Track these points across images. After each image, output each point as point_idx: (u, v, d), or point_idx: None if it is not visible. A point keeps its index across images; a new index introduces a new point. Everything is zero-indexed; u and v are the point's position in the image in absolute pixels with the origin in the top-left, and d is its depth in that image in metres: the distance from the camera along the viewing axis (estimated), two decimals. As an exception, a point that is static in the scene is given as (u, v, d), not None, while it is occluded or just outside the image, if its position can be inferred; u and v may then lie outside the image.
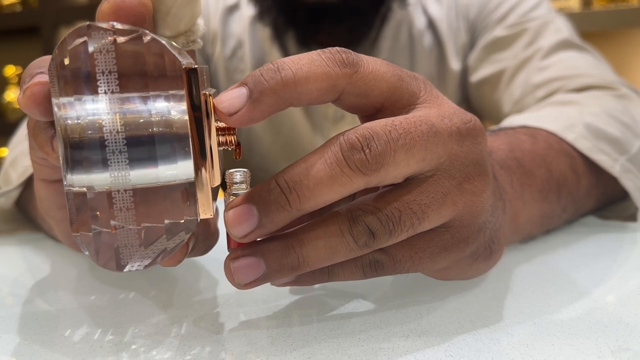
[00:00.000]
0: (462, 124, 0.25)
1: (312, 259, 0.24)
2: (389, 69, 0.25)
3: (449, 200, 0.25)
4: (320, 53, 0.24)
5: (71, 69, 0.22)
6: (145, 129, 0.22)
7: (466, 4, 0.68)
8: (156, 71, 0.22)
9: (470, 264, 0.28)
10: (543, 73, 0.59)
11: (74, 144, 0.22)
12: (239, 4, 0.70)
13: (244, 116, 0.23)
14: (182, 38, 0.26)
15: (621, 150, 0.42)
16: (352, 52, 0.24)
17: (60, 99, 0.22)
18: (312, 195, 0.23)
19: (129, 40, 0.22)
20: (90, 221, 0.23)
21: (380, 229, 0.24)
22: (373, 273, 0.26)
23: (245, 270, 0.24)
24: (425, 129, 0.24)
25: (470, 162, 0.25)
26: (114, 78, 0.22)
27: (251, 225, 0.23)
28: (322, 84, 0.24)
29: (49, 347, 0.26)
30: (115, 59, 0.22)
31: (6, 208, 0.43)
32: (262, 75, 0.23)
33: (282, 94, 0.23)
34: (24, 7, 1.97)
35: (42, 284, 0.34)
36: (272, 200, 0.23)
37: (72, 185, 0.23)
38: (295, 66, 0.23)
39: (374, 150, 0.23)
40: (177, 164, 0.22)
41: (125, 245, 0.23)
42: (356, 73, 0.24)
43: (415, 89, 0.26)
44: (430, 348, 0.24)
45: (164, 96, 0.22)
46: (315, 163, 0.23)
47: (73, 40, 0.22)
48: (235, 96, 0.23)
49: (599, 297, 0.30)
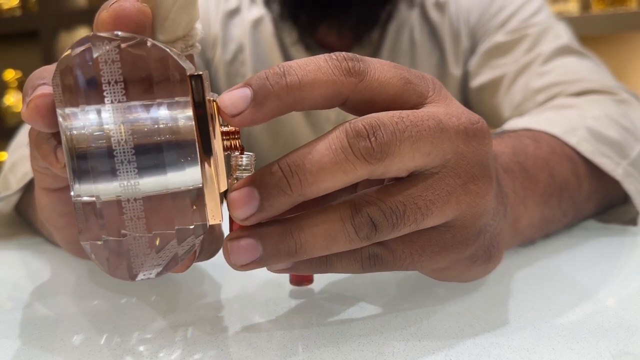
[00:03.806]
0: (470, 124, 0.25)
1: (309, 246, 0.23)
2: (396, 73, 0.25)
3: (454, 198, 0.24)
4: (327, 59, 0.24)
5: (76, 79, 0.22)
6: (153, 137, 0.22)
7: (467, 9, 0.68)
8: (161, 78, 0.22)
9: (468, 267, 0.28)
10: (543, 78, 0.59)
11: (81, 154, 0.22)
12: (239, 8, 0.70)
13: (246, 118, 0.23)
14: (181, 43, 0.26)
15: (622, 154, 0.43)
16: (360, 58, 0.24)
17: (66, 109, 0.22)
18: (314, 180, 0.23)
19: (132, 48, 0.22)
20: (100, 230, 0.23)
21: (383, 222, 0.23)
22: (372, 267, 0.25)
23: (241, 251, 0.24)
24: (432, 124, 0.24)
25: (476, 162, 0.25)
26: (120, 87, 0.22)
27: (252, 208, 0.23)
28: (326, 90, 0.23)
29: (49, 351, 0.26)
30: (120, 68, 0.22)
31: (5, 213, 0.43)
32: (268, 78, 0.23)
33: (286, 98, 0.23)
34: (23, 12, 1.98)
35: (42, 289, 0.34)
36: (273, 184, 0.23)
37: (80, 195, 0.23)
38: (301, 72, 0.23)
39: (380, 139, 0.23)
40: (184, 170, 0.22)
41: (136, 254, 0.23)
42: (362, 82, 0.24)
43: (423, 89, 0.25)
44: (431, 352, 0.24)
45: (170, 103, 0.22)
46: (319, 148, 0.23)
47: (77, 51, 0.22)
48: (238, 97, 0.23)
49: (599, 301, 0.30)
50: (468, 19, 0.68)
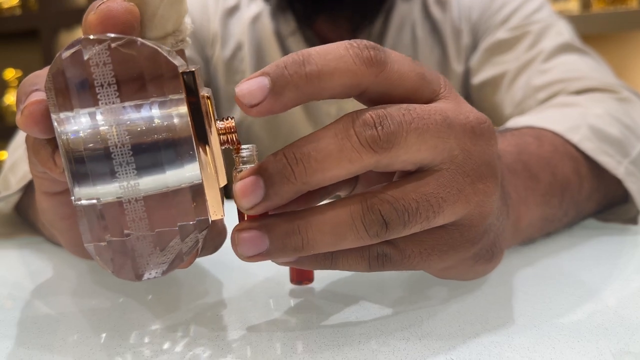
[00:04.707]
0: (477, 123, 0.25)
1: (316, 242, 0.23)
2: (412, 67, 0.24)
3: (463, 197, 0.24)
4: (348, 47, 0.23)
5: (69, 84, 0.22)
6: (149, 137, 0.22)
7: (469, 6, 0.68)
8: (153, 77, 0.22)
9: (471, 266, 0.28)
10: (544, 76, 0.59)
11: (79, 157, 0.22)
12: (239, 5, 0.70)
13: (264, 108, 0.22)
14: (171, 38, 0.25)
15: (624, 152, 0.42)
16: (381, 48, 0.24)
17: (60, 114, 0.22)
18: (319, 168, 0.22)
19: (122, 48, 0.22)
20: (103, 232, 0.23)
21: (395, 220, 0.23)
22: (379, 267, 0.25)
23: (248, 243, 0.23)
24: (439, 118, 0.24)
25: (483, 162, 0.25)
26: (113, 89, 0.22)
27: (257, 196, 0.23)
28: (346, 81, 0.23)
29: (49, 350, 0.26)
30: (112, 70, 0.22)
31: (5, 212, 0.43)
32: (286, 67, 0.22)
33: (305, 89, 0.22)
34: (23, 11, 1.97)
35: (42, 288, 0.34)
36: (277, 171, 0.22)
37: (81, 199, 0.23)
38: (321, 61, 0.22)
39: (387, 129, 0.22)
40: (183, 167, 0.22)
41: (141, 253, 0.23)
42: (382, 72, 0.23)
43: (436, 86, 0.25)
44: (431, 351, 0.24)
45: (164, 101, 0.22)
46: (325, 136, 0.22)
47: (68, 54, 0.22)
48: (256, 87, 0.22)
49: (599, 300, 0.29)
50: (470, 15, 0.68)
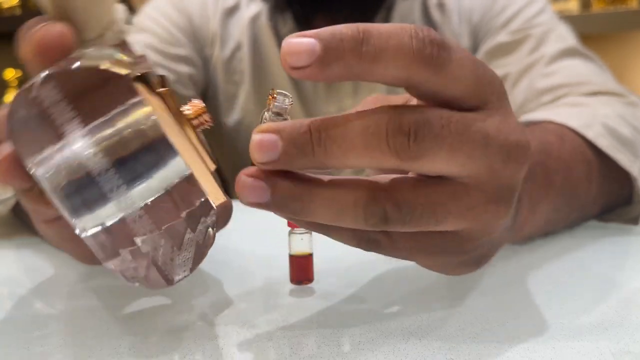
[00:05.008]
0: (516, 146, 0.24)
1: (315, 214, 0.23)
2: (472, 70, 0.23)
3: (471, 215, 0.24)
4: (413, 36, 0.21)
5: (28, 127, 0.22)
6: (124, 149, 0.22)
7: (469, 8, 0.68)
8: (106, 92, 0.22)
9: (454, 268, 0.27)
10: (548, 79, 0.58)
11: (66, 192, 0.22)
12: (238, 5, 0.70)
13: (306, 74, 0.21)
14: (109, 32, 0.25)
15: (635, 152, 0.43)
16: (447, 45, 0.22)
17: (32, 159, 0.22)
18: (340, 155, 0.22)
19: (65, 74, 0.22)
20: (117, 250, 0.23)
21: (396, 218, 0.23)
22: (367, 249, 0.25)
23: (252, 190, 0.23)
24: (478, 137, 0.22)
25: (506, 186, 0.24)
26: (71, 116, 0.22)
27: (271, 156, 0.22)
28: (400, 73, 0.22)
29: (48, 350, 0.26)
30: (65, 100, 0.22)
31: (3, 214, 0.43)
32: (343, 40, 0.21)
33: (356, 68, 0.21)
34: (23, 11, 1.97)
35: (41, 288, 0.34)
36: (298, 144, 0.22)
37: (85, 229, 0.23)
38: (381, 44, 0.21)
39: (420, 141, 0.21)
40: (167, 166, 0.22)
41: (163, 259, 0.23)
42: (439, 74, 0.22)
43: (488, 95, 0.24)
44: (431, 351, 0.24)
45: (125, 109, 0.22)
46: (355, 127, 0.22)
47: (19, 99, 0.22)
48: (304, 50, 0.21)
49: (599, 300, 0.29)
50: (470, 18, 0.68)
